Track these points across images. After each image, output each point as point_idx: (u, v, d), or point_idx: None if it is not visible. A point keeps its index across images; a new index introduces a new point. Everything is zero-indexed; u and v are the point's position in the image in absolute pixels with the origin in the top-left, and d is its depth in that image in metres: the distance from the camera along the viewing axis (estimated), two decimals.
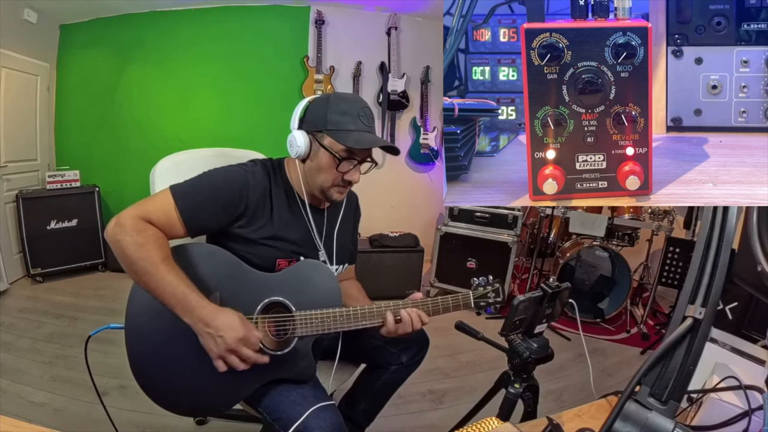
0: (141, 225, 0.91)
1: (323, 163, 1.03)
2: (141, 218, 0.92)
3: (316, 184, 1.06)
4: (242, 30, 3.63)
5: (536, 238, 3.33)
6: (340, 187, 1.07)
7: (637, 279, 3.20)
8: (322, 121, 1.01)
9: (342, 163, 1.02)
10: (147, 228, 0.91)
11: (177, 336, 0.92)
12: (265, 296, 1.00)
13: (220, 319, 0.88)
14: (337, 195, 1.08)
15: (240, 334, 0.88)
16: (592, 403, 0.87)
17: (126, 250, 0.88)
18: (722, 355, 0.94)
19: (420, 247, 3.24)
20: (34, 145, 3.43)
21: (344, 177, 1.04)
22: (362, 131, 1.02)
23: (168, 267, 0.89)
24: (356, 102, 1.05)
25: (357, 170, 1.06)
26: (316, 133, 1.03)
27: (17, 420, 0.71)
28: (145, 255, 0.88)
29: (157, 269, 0.88)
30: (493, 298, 1.09)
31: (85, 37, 3.56)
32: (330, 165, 1.02)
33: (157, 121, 3.67)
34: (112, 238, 0.89)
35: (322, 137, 1.02)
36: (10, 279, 3.06)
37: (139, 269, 0.88)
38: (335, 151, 1.01)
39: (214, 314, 0.88)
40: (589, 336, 2.77)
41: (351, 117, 1.01)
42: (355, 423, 1.33)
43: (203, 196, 0.99)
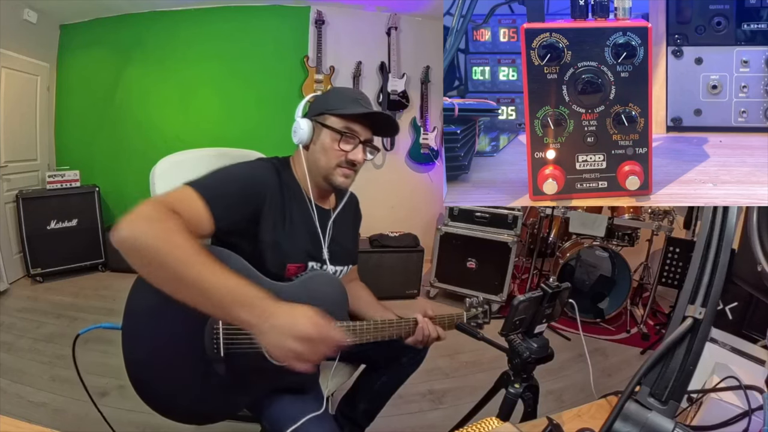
0: (165, 212, 0.77)
1: (326, 142, 1.03)
2: (164, 206, 0.78)
3: (320, 169, 1.05)
4: (242, 30, 3.63)
5: (536, 238, 3.33)
6: (345, 169, 1.05)
7: (637, 279, 3.20)
8: (323, 105, 1.06)
9: (343, 140, 1.02)
10: (172, 216, 0.77)
11: (179, 340, 0.90)
12: None
13: (291, 310, 0.73)
14: (342, 179, 1.06)
15: (319, 325, 0.73)
16: (592, 403, 0.87)
17: (150, 241, 0.71)
18: (722, 355, 0.94)
19: (420, 247, 3.24)
20: (34, 145, 3.43)
21: (348, 156, 1.04)
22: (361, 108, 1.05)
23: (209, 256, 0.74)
24: (355, 90, 1.13)
25: (360, 149, 1.05)
26: (318, 116, 1.05)
27: (17, 420, 0.71)
28: (179, 242, 0.72)
29: (197, 257, 0.72)
30: (482, 319, 1.21)
31: (85, 37, 3.56)
32: (332, 143, 1.03)
33: (157, 121, 3.67)
34: (128, 232, 0.72)
35: (324, 119, 1.05)
36: (10, 279, 3.06)
37: (171, 262, 0.71)
38: (337, 127, 1.03)
39: (283, 306, 0.73)
40: (589, 336, 2.77)
41: (350, 99, 1.06)
42: (355, 423, 1.33)
43: (228, 189, 0.93)
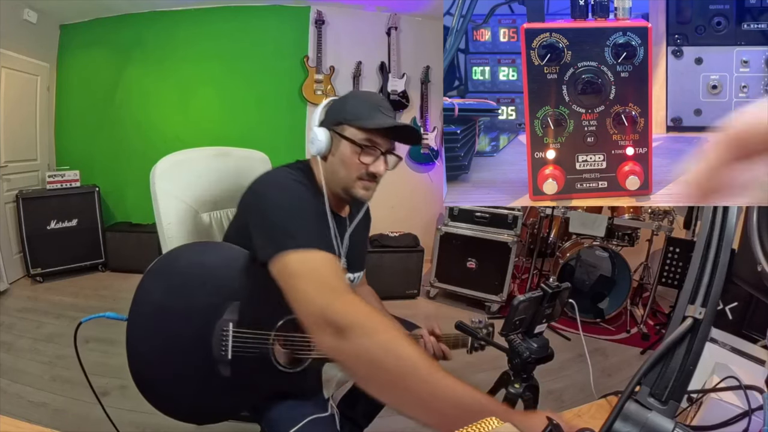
0: (348, 305, 0.71)
1: (345, 155, 0.98)
2: (333, 297, 0.73)
3: (340, 181, 1.01)
4: (242, 30, 3.63)
5: (536, 238, 3.33)
6: (365, 182, 1.01)
7: (637, 279, 3.20)
8: (342, 113, 0.99)
9: (364, 153, 0.97)
10: (357, 302, 0.72)
11: (186, 339, 0.90)
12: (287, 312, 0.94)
13: (526, 419, 0.57)
14: (363, 191, 1.01)
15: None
16: (592, 403, 0.87)
17: (374, 357, 0.65)
18: (722, 355, 0.94)
19: (420, 247, 3.24)
20: (34, 145, 3.43)
21: (369, 169, 0.99)
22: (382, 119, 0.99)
23: (431, 362, 0.64)
24: (375, 95, 1.07)
25: (381, 161, 1.00)
26: (336, 126, 0.99)
27: (17, 420, 0.71)
28: (395, 350, 0.64)
29: (424, 369, 0.62)
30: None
31: (85, 37, 3.56)
32: (352, 156, 0.97)
33: (156, 121, 3.67)
34: (350, 350, 0.67)
35: (342, 129, 0.98)
36: (10, 279, 3.06)
37: (398, 376, 0.62)
38: (357, 139, 0.97)
39: (525, 418, 0.58)
40: (589, 336, 2.77)
41: (371, 107, 0.99)
42: (355, 423, 1.32)
43: (305, 223, 0.87)
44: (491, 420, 0.59)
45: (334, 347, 0.69)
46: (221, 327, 0.91)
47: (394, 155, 1.04)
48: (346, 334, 0.68)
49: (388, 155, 1.02)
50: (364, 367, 0.67)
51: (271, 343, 0.94)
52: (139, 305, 0.91)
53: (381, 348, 0.65)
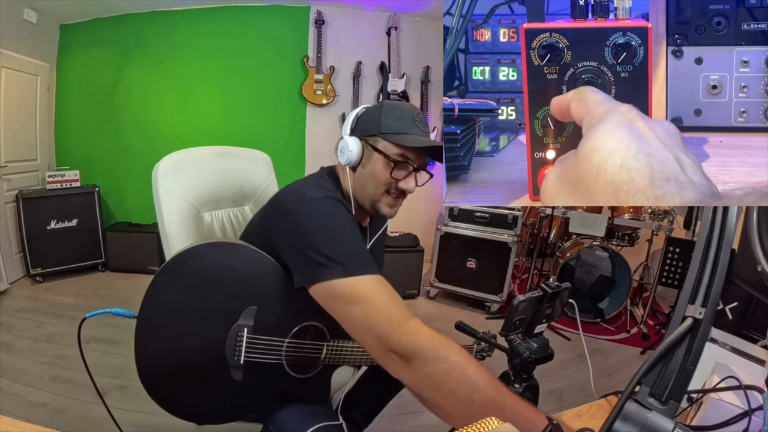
0: (410, 334, 0.72)
1: (377, 168, 0.95)
2: (393, 325, 0.74)
3: (368, 194, 0.98)
4: (242, 30, 3.63)
5: (536, 238, 3.33)
6: (393, 198, 0.99)
7: (637, 279, 3.20)
8: (376, 125, 0.96)
9: (396, 169, 0.95)
10: (418, 328, 0.73)
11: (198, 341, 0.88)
12: (302, 318, 0.95)
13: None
14: (388, 209, 0.99)
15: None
16: (592, 403, 0.87)
17: (439, 383, 0.68)
18: (722, 355, 0.94)
19: (420, 247, 3.24)
20: (34, 145, 3.43)
21: (398, 185, 0.97)
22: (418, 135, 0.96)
23: (497, 384, 0.68)
24: (410, 108, 1.01)
25: (412, 177, 0.97)
26: (369, 137, 0.96)
27: (17, 420, 0.71)
28: (460, 376, 0.67)
29: (490, 391, 0.66)
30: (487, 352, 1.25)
31: (85, 37, 3.56)
32: (384, 170, 0.95)
33: (157, 120, 3.67)
34: (414, 377, 0.70)
35: (375, 141, 0.95)
36: (10, 279, 3.06)
37: (464, 401, 0.65)
38: (391, 154, 0.94)
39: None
40: (589, 336, 2.77)
41: (406, 121, 0.96)
42: (355, 423, 1.32)
43: (350, 247, 0.86)
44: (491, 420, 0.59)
45: (399, 373, 0.73)
46: (236, 332, 0.89)
47: (426, 172, 1.01)
48: (411, 362, 0.70)
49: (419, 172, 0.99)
50: (430, 393, 0.69)
51: (284, 350, 0.94)
52: (151, 303, 0.89)
53: (446, 374, 0.67)
